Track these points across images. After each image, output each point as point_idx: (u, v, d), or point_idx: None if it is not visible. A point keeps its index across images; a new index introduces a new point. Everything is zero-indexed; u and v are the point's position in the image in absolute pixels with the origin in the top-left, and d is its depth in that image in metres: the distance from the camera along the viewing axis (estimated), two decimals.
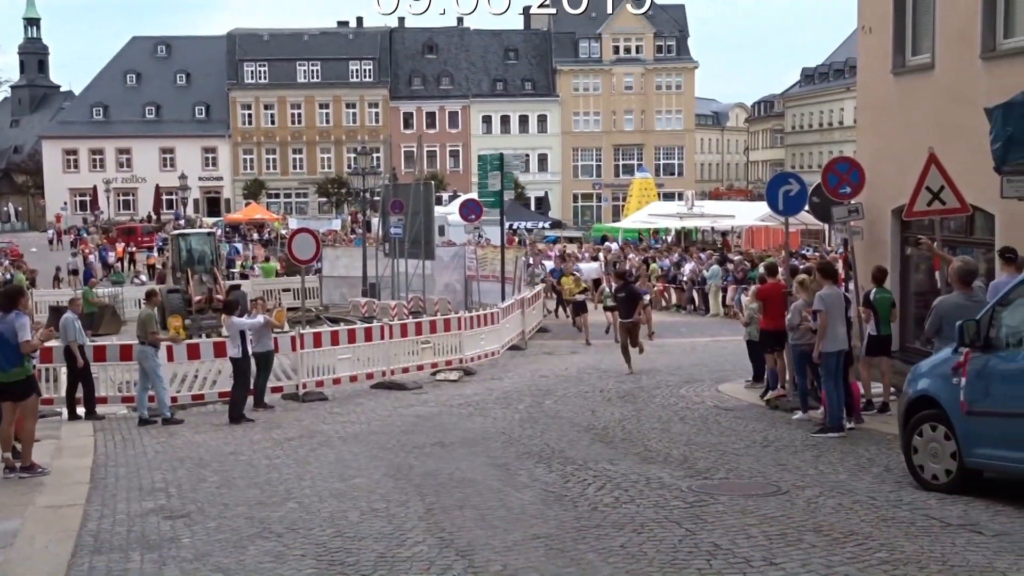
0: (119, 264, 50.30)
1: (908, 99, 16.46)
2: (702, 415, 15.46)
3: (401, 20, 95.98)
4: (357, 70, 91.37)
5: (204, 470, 12.47)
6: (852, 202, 16.56)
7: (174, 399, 18.03)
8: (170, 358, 18.49)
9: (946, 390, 9.66)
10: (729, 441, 13.15)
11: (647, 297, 26.00)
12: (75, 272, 46.13)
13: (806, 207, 18.15)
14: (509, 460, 12.18)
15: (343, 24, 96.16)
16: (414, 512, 9.61)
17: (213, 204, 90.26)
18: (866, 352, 15.00)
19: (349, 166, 75.02)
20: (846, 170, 16.64)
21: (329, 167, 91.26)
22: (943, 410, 9.68)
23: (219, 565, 8.16)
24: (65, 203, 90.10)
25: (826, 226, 41.90)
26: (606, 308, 26.41)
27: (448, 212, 48.96)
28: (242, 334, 17.31)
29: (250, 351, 17.43)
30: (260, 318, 18.05)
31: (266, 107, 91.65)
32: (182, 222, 62.71)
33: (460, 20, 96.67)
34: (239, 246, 56.89)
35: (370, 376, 20.94)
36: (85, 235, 70.85)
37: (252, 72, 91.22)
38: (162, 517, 9.98)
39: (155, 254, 53.45)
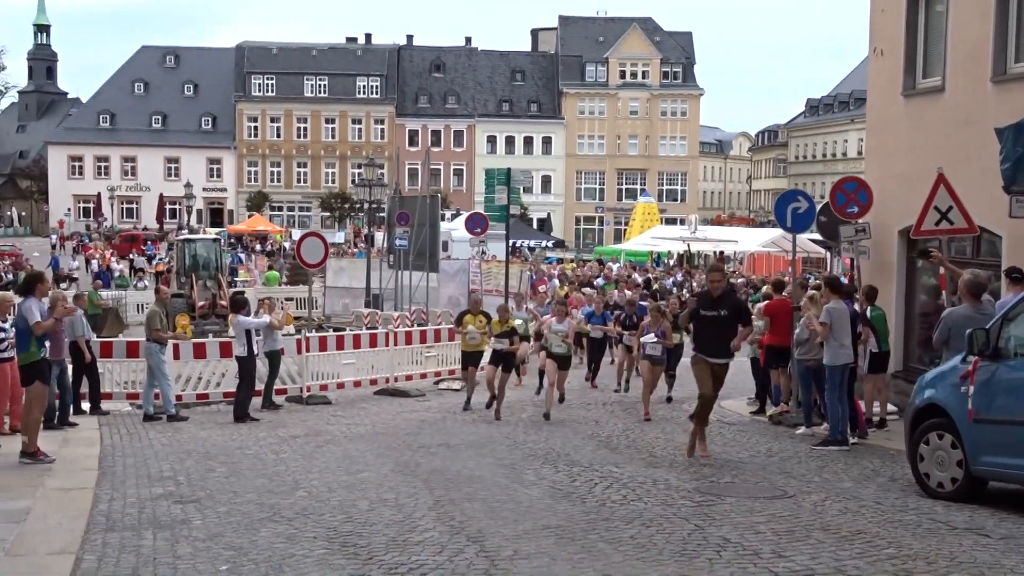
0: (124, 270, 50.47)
1: (917, 121, 16.63)
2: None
3: (410, 38, 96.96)
4: (364, 86, 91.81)
5: (211, 461, 12.54)
6: (859, 222, 16.73)
7: (179, 398, 18.09)
8: (176, 356, 18.57)
9: (954, 399, 9.77)
10: (733, 451, 13.23)
11: (656, 345, 17.28)
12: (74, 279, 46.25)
13: (813, 226, 18.35)
14: (515, 461, 12.26)
15: (352, 40, 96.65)
16: (423, 503, 9.69)
17: (216, 215, 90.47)
18: (868, 369, 15.11)
19: (353, 181, 75.35)
20: (854, 189, 16.82)
21: (333, 182, 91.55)
22: (950, 418, 9.78)
23: (232, 544, 8.24)
24: (69, 209, 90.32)
25: (828, 253, 42.25)
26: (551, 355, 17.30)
27: (452, 228, 49.16)
28: (248, 333, 17.39)
29: (256, 350, 17.51)
30: (266, 318, 18.15)
31: (272, 120, 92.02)
32: (185, 231, 62.90)
33: (468, 40, 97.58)
34: (242, 256, 57.05)
35: (373, 382, 21.05)
36: (88, 241, 71.02)
37: (260, 85, 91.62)
38: (172, 502, 10.06)
39: (156, 262, 53.61)
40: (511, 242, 37.27)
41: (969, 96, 15.26)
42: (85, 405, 17.54)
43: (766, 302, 17.54)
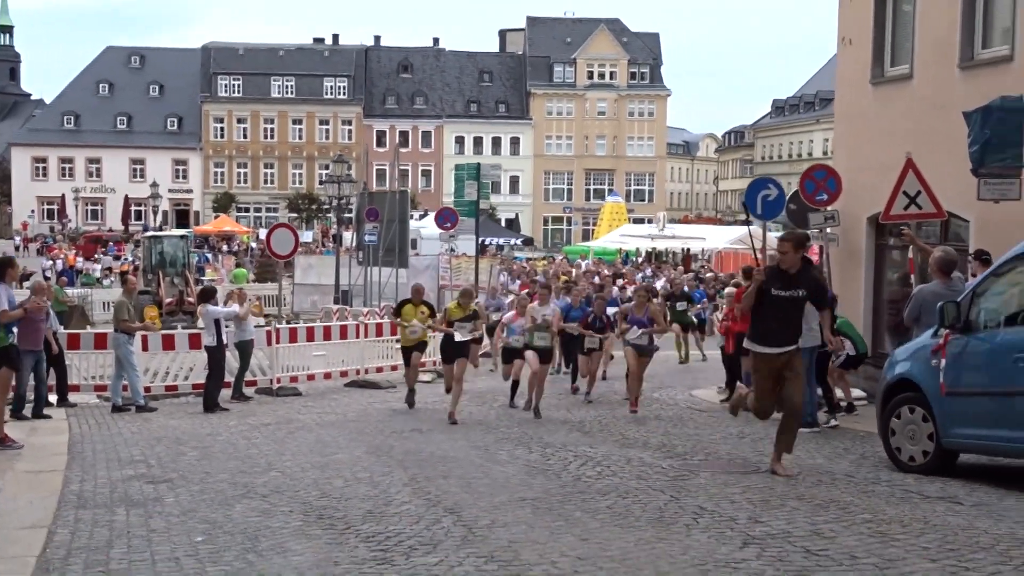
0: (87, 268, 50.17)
1: (886, 109, 16.74)
2: (677, 413, 15.58)
3: (377, 39, 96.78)
4: (332, 87, 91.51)
5: (182, 446, 12.45)
6: (829, 209, 16.85)
7: (147, 390, 17.90)
8: (145, 348, 18.41)
9: (925, 373, 9.85)
10: (705, 433, 13.29)
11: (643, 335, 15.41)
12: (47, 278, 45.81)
13: (782, 215, 18.46)
14: (488, 444, 12.26)
15: (319, 41, 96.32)
16: (398, 480, 9.67)
17: (182, 216, 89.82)
18: (841, 366, 15.21)
19: (320, 182, 75.11)
20: (823, 177, 16.94)
21: (300, 183, 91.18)
22: (922, 392, 9.85)
23: (206, 518, 8.18)
24: (32, 211, 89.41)
25: None
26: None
27: (421, 226, 49.10)
28: (217, 323, 17.25)
29: (224, 340, 17.37)
30: (235, 307, 18.03)
31: (239, 121, 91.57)
32: (151, 232, 62.35)
33: (436, 40, 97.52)
34: (208, 256, 56.73)
35: (344, 374, 20.97)
36: (52, 243, 70.31)
37: (226, 85, 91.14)
38: (144, 482, 9.97)
39: (122, 262, 53.16)
40: (480, 240, 37.27)
41: (937, 83, 15.39)
42: (52, 397, 17.31)
43: (736, 289, 17.62)
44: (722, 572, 6.17)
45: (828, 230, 17.01)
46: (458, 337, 15.17)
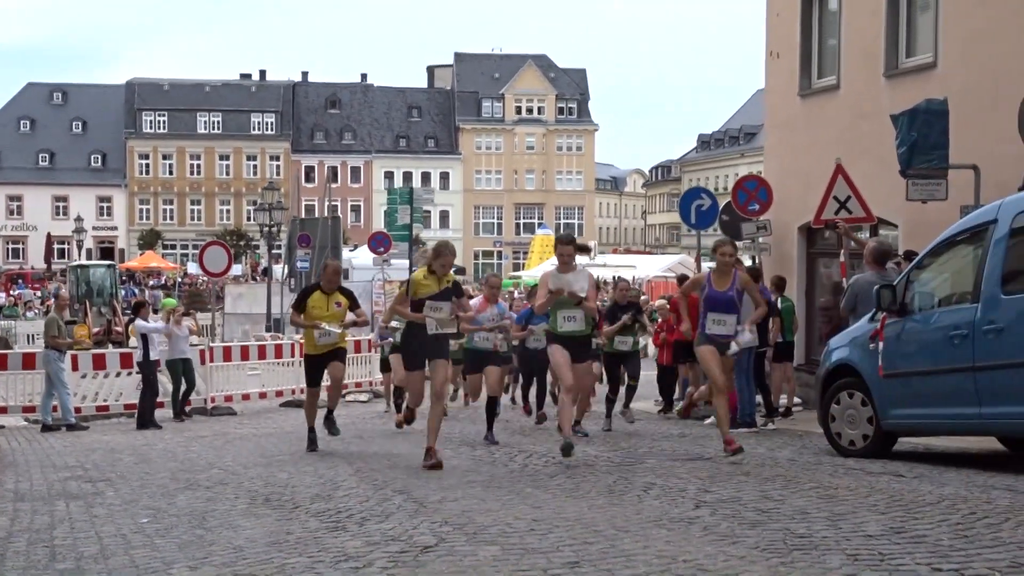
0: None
1: (814, 119, 17.13)
2: (616, 424, 15.61)
3: (305, 74, 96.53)
4: (259, 122, 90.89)
5: (118, 455, 12.20)
6: (760, 219, 17.14)
7: (78, 410, 17.54)
8: (75, 367, 18.05)
9: (863, 357, 10.02)
10: (646, 434, 13.37)
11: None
12: None
13: (716, 224, 18.74)
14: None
15: (246, 76, 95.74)
16: (344, 471, 9.58)
17: (107, 254, 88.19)
18: (773, 359, 15.41)
19: (248, 218, 74.39)
20: (754, 188, 17.28)
21: (228, 219, 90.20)
22: (860, 377, 10.02)
23: (150, 506, 8.03)
24: None
25: None
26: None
27: (353, 256, 48.82)
28: (145, 338, 16.94)
29: (152, 355, 17.01)
30: (161, 323, 17.72)
31: (164, 157, 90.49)
32: (76, 262, 61.18)
33: (364, 76, 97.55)
34: (135, 290, 55.85)
35: (280, 394, 20.73)
36: None
37: (151, 121, 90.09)
38: (82, 481, 9.76)
39: (49, 294, 52.16)
40: (413, 269, 37.16)
41: (864, 92, 15.79)
42: None
43: (670, 297, 17.82)
44: (678, 525, 6.22)
45: (760, 240, 17.30)
46: (431, 327, 9.48)
